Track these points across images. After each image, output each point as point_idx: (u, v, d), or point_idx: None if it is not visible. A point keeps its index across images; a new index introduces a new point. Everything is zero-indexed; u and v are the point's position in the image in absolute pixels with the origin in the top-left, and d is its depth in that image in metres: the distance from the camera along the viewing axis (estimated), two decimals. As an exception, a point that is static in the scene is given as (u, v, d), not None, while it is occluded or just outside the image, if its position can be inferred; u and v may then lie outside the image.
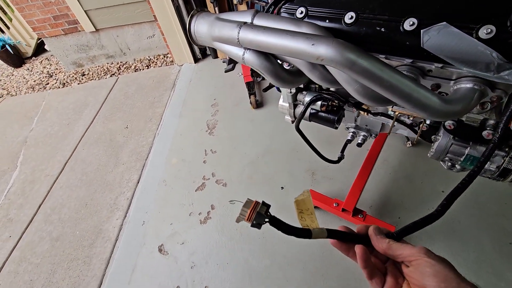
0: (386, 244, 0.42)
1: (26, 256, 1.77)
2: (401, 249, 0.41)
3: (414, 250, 0.39)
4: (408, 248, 0.40)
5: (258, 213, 0.41)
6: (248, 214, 0.41)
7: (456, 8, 0.58)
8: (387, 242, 0.42)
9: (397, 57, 0.67)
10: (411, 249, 0.40)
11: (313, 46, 0.58)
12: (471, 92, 0.61)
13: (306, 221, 0.49)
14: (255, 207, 0.41)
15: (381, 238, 0.43)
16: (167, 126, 2.47)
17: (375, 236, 0.44)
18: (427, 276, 0.36)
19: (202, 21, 0.78)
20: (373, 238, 0.44)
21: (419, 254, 0.38)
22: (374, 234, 0.44)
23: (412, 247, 0.40)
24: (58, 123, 2.83)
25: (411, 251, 0.39)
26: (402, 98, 0.58)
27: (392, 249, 0.41)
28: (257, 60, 0.73)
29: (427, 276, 0.36)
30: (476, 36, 0.56)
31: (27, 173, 2.36)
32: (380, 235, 0.44)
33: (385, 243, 0.42)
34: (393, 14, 0.63)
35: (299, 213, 0.49)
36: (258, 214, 0.41)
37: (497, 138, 0.49)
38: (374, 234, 0.44)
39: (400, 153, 1.84)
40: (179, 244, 1.65)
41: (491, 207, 1.49)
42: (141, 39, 3.44)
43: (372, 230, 0.45)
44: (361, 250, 0.42)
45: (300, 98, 1.07)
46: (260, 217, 0.41)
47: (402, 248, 0.41)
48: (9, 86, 3.74)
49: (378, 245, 0.43)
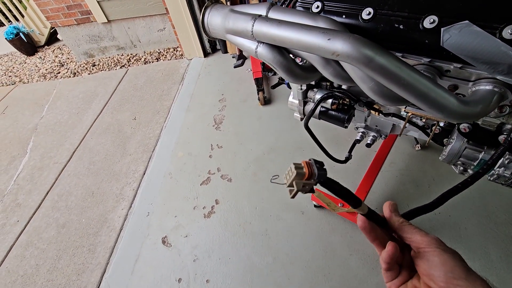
0: (398, 223, 0.41)
1: (33, 241, 1.80)
2: (412, 233, 0.39)
3: (426, 238, 0.38)
4: (420, 235, 0.39)
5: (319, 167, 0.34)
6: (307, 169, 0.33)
7: (479, 6, 0.56)
8: (400, 221, 0.41)
9: (414, 56, 0.66)
10: (423, 237, 0.38)
11: (329, 41, 0.57)
12: (490, 94, 0.59)
13: None
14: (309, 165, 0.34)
15: (396, 215, 0.42)
16: (174, 120, 2.48)
17: (390, 212, 0.43)
18: (434, 265, 0.35)
19: (216, 13, 0.77)
20: (386, 212, 0.43)
21: (429, 243, 0.37)
22: (389, 209, 0.43)
23: (424, 234, 0.39)
24: (67, 112, 2.87)
25: (422, 239, 0.38)
26: (419, 97, 0.57)
27: (404, 230, 0.40)
28: (271, 54, 0.72)
29: (434, 265, 0.35)
30: (499, 36, 0.54)
31: (36, 159, 2.39)
32: (395, 212, 0.43)
33: (398, 221, 0.41)
34: (413, 11, 0.61)
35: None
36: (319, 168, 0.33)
37: (508, 141, 0.48)
38: (389, 210, 0.43)
39: (408, 156, 1.81)
40: (182, 237, 1.66)
41: (499, 216, 1.46)
42: (151, 32, 3.45)
43: (388, 206, 0.44)
44: (393, 248, 0.40)
45: (311, 95, 1.06)
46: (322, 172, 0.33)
47: (414, 233, 0.39)
48: (21, 74, 3.80)
49: (390, 221, 0.42)
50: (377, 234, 0.43)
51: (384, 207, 0.44)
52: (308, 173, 0.33)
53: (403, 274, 0.41)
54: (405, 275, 0.40)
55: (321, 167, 0.34)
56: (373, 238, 0.43)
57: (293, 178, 0.33)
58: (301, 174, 0.33)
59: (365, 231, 0.43)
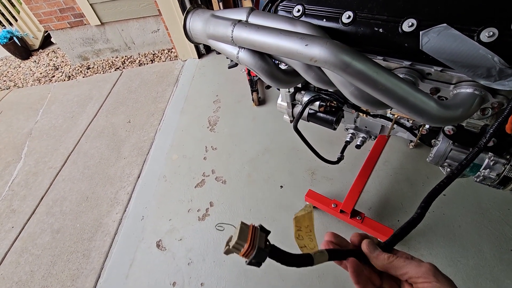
0: (387, 262, 0.38)
1: (28, 247, 1.80)
2: (406, 267, 0.36)
3: (421, 269, 0.35)
4: (414, 266, 0.36)
5: (259, 249, 0.32)
6: (247, 248, 0.31)
7: (457, 9, 0.55)
8: (387, 259, 0.38)
9: (395, 59, 0.65)
10: (417, 268, 0.35)
11: (307, 46, 0.57)
12: (471, 98, 0.58)
13: (303, 240, 0.44)
14: (253, 237, 0.32)
15: (379, 254, 0.39)
16: (169, 122, 2.48)
17: (371, 254, 0.39)
18: None
19: (197, 18, 0.76)
20: (369, 256, 0.40)
21: (428, 275, 0.34)
22: (369, 251, 0.40)
23: (418, 264, 0.36)
24: (62, 116, 2.86)
25: (418, 271, 0.35)
26: (398, 102, 0.56)
27: (395, 266, 0.37)
28: (252, 60, 0.71)
29: None
30: (477, 39, 0.53)
31: (31, 164, 2.39)
32: (377, 251, 0.39)
33: (385, 260, 0.38)
34: (392, 14, 0.60)
35: (296, 231, 0.44)
36: (258, 250, 0.32)
37: (483, 143, 0.47)
38: (369, 252, 0.39)
39: (402, 154, 1.80)
40: (177, 240, 1.66)
41: (493, 213, 1.45)
42: (145, 34, 3.43)
43: (366, 247, 0.40)
44: (353, 264, 0.39)
45: (299, 98, 1.05)
46: (261, 253, 0.32)
47: (407, 266, 0.36)
48: (16, 78, 3.78)
49: (377, 263, 0.39)
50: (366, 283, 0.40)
51: (363, 248, 0.40)
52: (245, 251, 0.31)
53: None
54: None
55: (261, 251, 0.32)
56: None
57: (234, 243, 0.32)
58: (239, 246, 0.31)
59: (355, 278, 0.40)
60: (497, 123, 0.50)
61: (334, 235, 0.43)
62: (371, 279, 0.40)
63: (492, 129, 0.50)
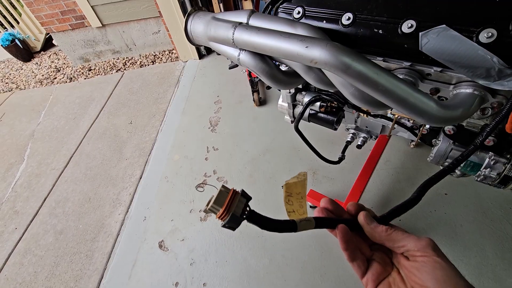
0: (384, 233, 0.37)
1: (31, 248, 1.82)
2: (404, 240, 0.36)
3: (421, 243, 0.34)
4: (413, 240, 0.35)
5: (233, 215, 0.32)
6: (222, 212, 0.32)
7: (456, 10, 0.56)
8: (385, 231, 0.37)
9: (395, 60, 0.65)
10: (417, 242, 0.35)
11: (307, 48, 0.57)
12: (470, 98, 0.59)
13: (293, 205, 0.43)
14: (230, 202, 0.33)
15: (377, 226, 0.38)
16: (170, 123, 2.48)
17: (368, 225, 0.38)
18: (434, 279, 0.32)
19: (198, 21, 0.77)
20: (366, 227, 0.39)
21: (427, 249, 0.34)
22: (366, 223, 0.39)
23: (417, 239, 0.35)
24: (64, 117, 2.87)
25: (417, 244, 0.34)
26: (398, 102, 0.57)
27: (393, 239, 0.36)
28: (253, 61, 0.72)
29: (434, 279, 0.32)
30: (476, 40, 0.53)
31: (34, 166, 2.40)
32: (375, 223, 0.38)
33: (383, 232, 0.37)
34: (392, 16, 0.61)
35: (286, 196, 0.43)
36: (232, 215, 0.32)
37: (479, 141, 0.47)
38: (367, 223, 0.38)
39: (403, 154, 1.81)
40: (179, 241, 1.67)
41: (495, 212, 1.45)
42: (146, 35, 3.44)
43: (364, 219, 0.39)
44: (342, 230, 0.38)
45: (299, 98, 1.05)
46: (235, 219, 0.33)
47: (405, 239, 0.36)
48: (18, 80, 3.81)
49: (373, 234, 0.38)
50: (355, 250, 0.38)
51: (359, 220, 0.40)
52: (221, 213, 0.32)
53: (375, 268, 0.38)
54: (378, 270, 0.37)
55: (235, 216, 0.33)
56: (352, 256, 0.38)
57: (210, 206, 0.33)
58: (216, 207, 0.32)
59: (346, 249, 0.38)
60: (495, 122, 0.50)
61: (331, 202, 0.42)
62: (361, 249, 0.39)
63: (489, 128, 0.50)
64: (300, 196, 0.43)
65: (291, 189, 0.43)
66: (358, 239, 0.40)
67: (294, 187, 0.43)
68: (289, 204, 0.43)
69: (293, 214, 0.43)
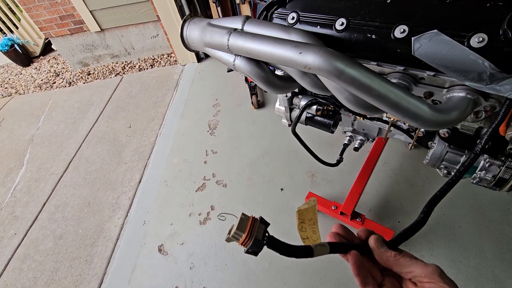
0: (393, 259, 0.38)
1: (30, 253, 1.82)
2: (412, 266, 0.37)
3: (428, 269, 0.36)
4: (420, 266, 0.36)
5: (255, 239, 0.34)
6: (244, 238, 0.34)
7: (447, 15, 0.56)
8: (393, 256, 0.38)
9: (389, 64, 0.66)
10: (424, 268, 0.36)
11: (301, 54, 0.58)
12: (463, 101, 0.59)
13: (306, 231, 0.44)
14: (251, 228, 0.34)
15: (385, 250, 0.39)
16: (169, 126, 2.49)
17: (378, 249, 0.40)
18: None
19: (194, 27, 0.78)
20: (375, 251, 0.40)
21: (433, 275, 0.35)
22: (376, 247, 0.40)
23: (424, 265, 0.36)
24: (63, 122, 2.88)
25: (424, 270, 0.36)
26: (392, 107, 0.57)
27: (400, 264, 0.38)
28: (248, 67, 0.72)
29: None
30: (467, 44, 0.54)
31: (33, 171, 2.40)
32: (384, 247, 0.40)
33: (391, 257, 0.39)
34: (384, 21, 0.62)
35: (300, 223, 0.44)
36: (255, 240, 0.34)
37: (479, 149, 0.48)
38: (377, 247, 0.40)
39: (401, 155, 1.81)
40: (178, 245, 1.67)
41: (493, 213, 1.46)
42: (145, 39, 3.46)
43: (374, 242, 0.41)
44: (354, 257, 0.39)
45: (296, 102, 1.06)
46: (257, 244, 0.34)
47: (413, 265, 0.37)
48: (17, 85, 3.82)
49: (382, 259, 0.40)
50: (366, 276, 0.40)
51: (370, 244, 0.41)
52: (243, 240, 0.34)
53: None
54: None
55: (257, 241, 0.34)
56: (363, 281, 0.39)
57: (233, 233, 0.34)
58: (238, 235, 0.34)
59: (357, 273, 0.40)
60: (491, 129, 0.51)
61: (341, 227, 0.44)
62: (373, 274, 0.41)
63: (487, 135, 0.50)
64: (312, 222, 0.45)
65: (304, 216, 0.44)
66: (369, 264, 0.41)
67: (306, 213, 0.44)
68: (302, 231, 0.44)
69: (307, 240, 0.44)
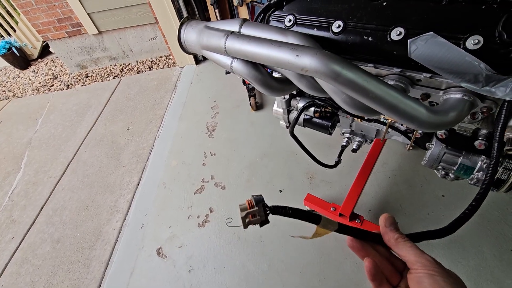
0: (394, 240, 0.38)
1: (28, 257, 1.80)
2: (407, 251, 0.37)
3: (420, 259, 0.35)
4: (414, 255, 0.36)
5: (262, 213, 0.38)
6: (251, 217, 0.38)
7: (443, 17, 0.57)
8: (396, 238, 0.38)
9: (385, 67, 0.66)
10: (417, 257, 0.36)
11: (298, 57, 0.58)
12: (460, 103, 0.59)
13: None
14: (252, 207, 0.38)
15: (391, 231, 0.39)
16: (167, 128, 2.49)
17: (385, 227, 0.40)
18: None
19: (191, 29, 0.78)
20: (382, 229, 0.40)
21: (424, 265, 0.35)
22: (384, 224, 0.40)
23: (419, 254, 0.36)
24: (61, 125, 2.87)
25: (417, 259, 0.35)
26: (389, 109, 0.57)
27: (399, 247, 0.38)
28: (245, 69, 0.72)
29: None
30: (463, 46, 0.54)
31: (31, 174, 2.39)
32: (391, 227, 0.39)
33: (393, 238, 0.38)
34: (381, 23, 0.62)
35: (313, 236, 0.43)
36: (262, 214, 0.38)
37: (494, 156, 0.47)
38: (385, 225, 0.40)
39: (400, 156, 1.81)
40: (177, 247, 1.66)
41: (492, 213, 1.46)
42: (143, 41, 3.46)
43: (384, 220, 0.40)
44: (370, 264, 0.38)
45: (294, 104, 1.06)
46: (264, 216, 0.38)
47: (409, 251, 0.37)
48: (15, 88, 3.80)
49: (385, 237, 0.40)
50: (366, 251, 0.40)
51: (380, 221, 0.41)
52: (248, 205, 0.38)
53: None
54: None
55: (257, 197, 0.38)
56: (362, 256, 0.40)
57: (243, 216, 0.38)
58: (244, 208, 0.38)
59: (353, 249, 0.41)
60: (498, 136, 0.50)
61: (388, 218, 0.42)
62: (390, 279, 0.40)
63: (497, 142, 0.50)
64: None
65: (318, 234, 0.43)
66: (387, 267, 0.40)
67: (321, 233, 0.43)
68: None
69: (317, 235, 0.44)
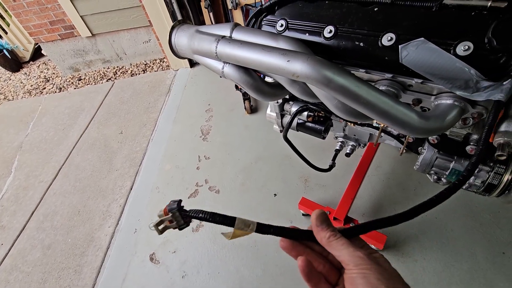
0: (326, 240, 0.35)
1: (18, 264, 1.76)
2: (339, 250, 0.33)
3: (353, 257, 0.32)
4: (347, 253, 0.33)
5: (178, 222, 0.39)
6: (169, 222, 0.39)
7: (434, 24, 0.57)
8: (327, 237, 0.35)
9: (377, 72, 0.66)
10: (350, 255, 0.33)
11: (289, 62, 0.57)
12: (451, 109, 0.60)
13: None
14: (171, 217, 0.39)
15: (323, 229, 0.35)
16: (161, 132, 2.47)
17: (315, 226, 0.36)
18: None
19: (182, 34, 0.77)
20: (313, 226, 0.36)
21: (356, 264, 0.32)
22: (315, 223, 0.36)
23: (351, 252, 0.33)
24: (53, 128, 2.83)
25: (349, 258, 0.32)
26: (380, 115, 0.57)
27: (332, 246, 0.34)
28: (237, 74, 0.72)
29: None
30: (453, 52, 0.54)
31: (21, 179, 2.35)
32: (323, 225, 0.35)
33: (325, 237, 0.35)
34: (372, 29, 0.62)
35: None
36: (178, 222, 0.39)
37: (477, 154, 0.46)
38: (315, 224, 0.36)
39: (394, 159, 1.82)
40: (170, 253, 1.64)
41: (484, 216, 1.47)
42: (137, 44, 3.44)
43: (315, 218, 0.36)
44: (303, 263, 0.35)
45: (287, 108, 1.06)
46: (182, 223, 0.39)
47: (341, 249, 0.33)
48: (6, 91, 3.74)
49: (317, 236, 0.36)
50: (301, 250, 0.37)
51: (311, 219, 0.37)
52: (165, 212, 0.39)
53: None
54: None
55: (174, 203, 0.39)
56: (295, 256, 0.36)
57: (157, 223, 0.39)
58: (160, 215, 0.39)
59: (285, 250, 0.38)
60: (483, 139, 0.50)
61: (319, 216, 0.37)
62: (328, 277, 0.37)
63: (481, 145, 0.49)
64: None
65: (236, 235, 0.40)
66: (327, 266, 0.38)
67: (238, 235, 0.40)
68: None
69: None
